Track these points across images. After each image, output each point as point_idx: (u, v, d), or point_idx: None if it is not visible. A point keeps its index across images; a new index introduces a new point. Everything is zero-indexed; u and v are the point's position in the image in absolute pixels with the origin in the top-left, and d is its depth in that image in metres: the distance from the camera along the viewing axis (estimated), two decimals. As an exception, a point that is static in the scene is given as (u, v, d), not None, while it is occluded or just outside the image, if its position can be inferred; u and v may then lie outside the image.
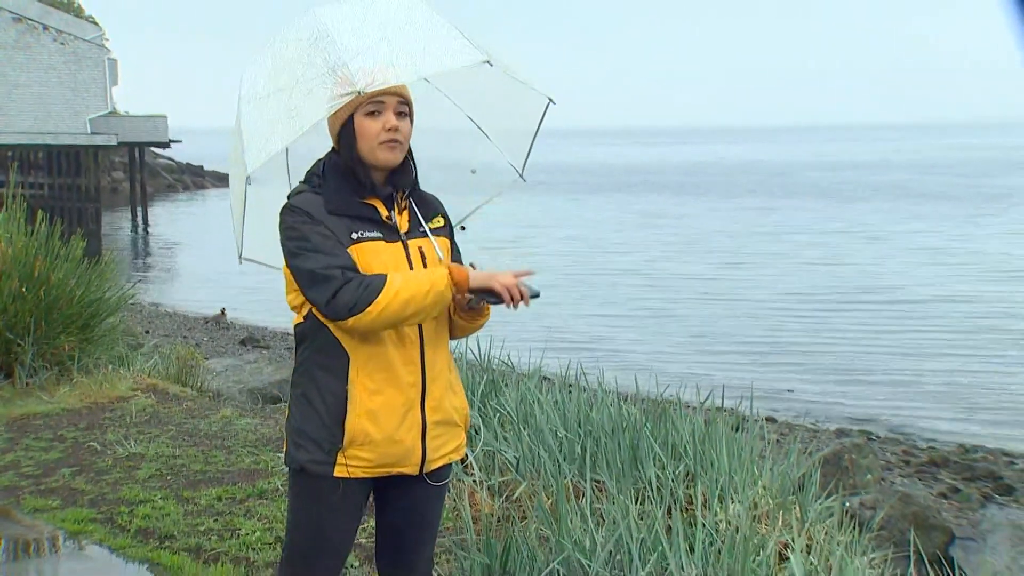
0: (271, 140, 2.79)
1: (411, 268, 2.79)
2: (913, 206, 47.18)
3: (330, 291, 2.65)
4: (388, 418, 2.78)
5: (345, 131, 2.81)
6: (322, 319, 2.75)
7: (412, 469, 2.85)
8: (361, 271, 2.70)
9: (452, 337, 2.98)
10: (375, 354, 2.77)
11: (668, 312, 21.68)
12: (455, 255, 2.98)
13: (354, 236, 2.75)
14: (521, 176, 3.32)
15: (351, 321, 2.66)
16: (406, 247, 2.82)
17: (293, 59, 2.85)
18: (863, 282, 24.92)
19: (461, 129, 3.25)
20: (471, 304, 2.81)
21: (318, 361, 2.81)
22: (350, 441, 2.77)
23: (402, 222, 2.85)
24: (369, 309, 2.63)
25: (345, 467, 2.79)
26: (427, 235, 2.87)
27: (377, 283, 2.65)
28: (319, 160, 2.90)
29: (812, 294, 23.45)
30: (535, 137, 3.26)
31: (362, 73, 2.64)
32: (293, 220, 2.76)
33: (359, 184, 2.81)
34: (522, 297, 2.75)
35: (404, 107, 2.83)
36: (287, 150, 3.08)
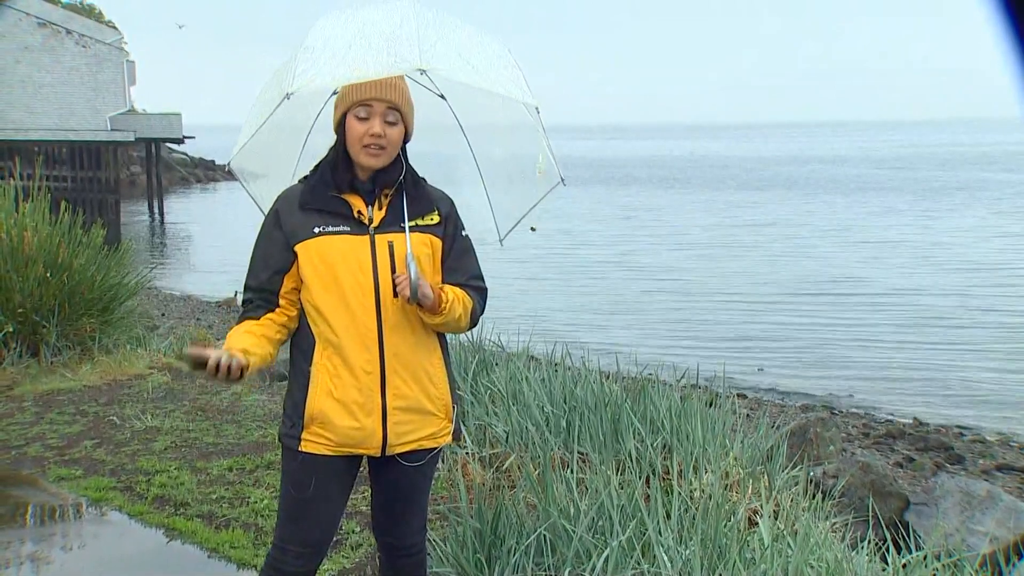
0: (243, 134, 2.92)
1: (375, 260, 2.77)
2: (873, 198, 47.25)
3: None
4: (345, 400, 2.78)
5: (340, 128, 2.83)
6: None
7: (374, 451, 2.84)
8: (319, 262, 2.76)
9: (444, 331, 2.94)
10: (333, 340, 2.77)
11: (646, 300, 21.68)
12: (456, 248, 2.91)
13: (316, 230, 2.77)
14: (562, 180, 3.20)
15: None
16: (373, 241, 2.78)
17: (282, 67, 2.89)
18: (828, 272, 24.93)
19: (521, 126, 3.13)
20: (409, 301, 2.73)
21: (297, 343, 2.88)
22: (310, 419, 2.80)
23: (377, 217, 2.81)
24: None
25: (308, 442, 2.82)
26: (403, 231, 2.80)
27: None
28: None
29: (782, 283, 23.47)
30: (548, 140, 3.15)
31: (301, 78, 2.63)
32: (266, 217, 2.88)
33: (340, 179, 2.81)
34: (228, 371, 2.63)
35: (394, 115, 2.78)
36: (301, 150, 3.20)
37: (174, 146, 54.19)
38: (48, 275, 8.18)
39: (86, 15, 48.00)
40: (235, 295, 21.32)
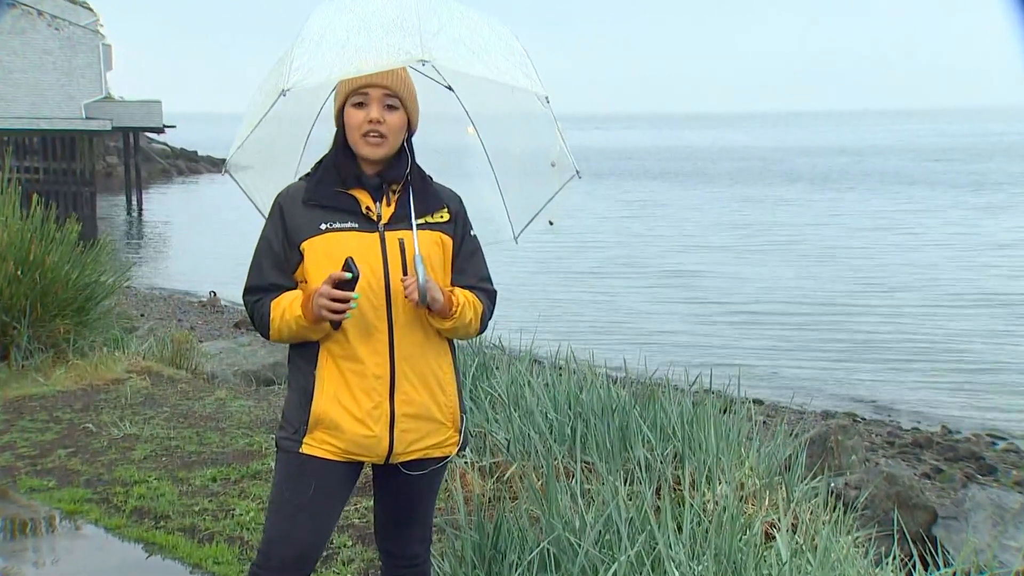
0: (242, 131, 2.92)
1: (385, 257, 2.79)
2: (902, 191, 47.14)
3: (249, 315, 2.92)
4: (353, 407, 2.80)
5: (340, 120, 2.85)
6: None
7: (378, 459, 2.87)
8: (326, 260, 2.74)
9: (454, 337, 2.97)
10: (342, 345, 2.79)
11: (655, 301, 21.66)
12: (465, 248, 2.94)
13: (323, 227, 2.79)
14: (577, 173, 3.19)
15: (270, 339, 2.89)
16: (383, 237, 2.81)
17: (282, 57, 2.88)
18: (853, 274, 24.86)
19: (533, 116, 3.11)
20: (418, 306, 2.75)
21: (298, 348, 2.89)
22: (315, 423, 2.82)
23: (387, 213, 2.84)
24: (271, 337, 2.85)
25: (311, 447, 2.83)
26: (411, 228, 2.83)
27: (266, 318, 2.81)
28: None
29: (802, 285, 23.43)
30: (561, 131, 3.14)
31: (297, 73, 2.63)
32: (269, 215, 2.89)
33: (345, 174, 2.82)
34: (343, 296, 2.62)
35: (393, 100, 2.80)
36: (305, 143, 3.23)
37: (154, 136, 54.14)
38: (19, 273, 8.19)
39: (59, -4, 47.96)
40: (212, 295, 21.37)
